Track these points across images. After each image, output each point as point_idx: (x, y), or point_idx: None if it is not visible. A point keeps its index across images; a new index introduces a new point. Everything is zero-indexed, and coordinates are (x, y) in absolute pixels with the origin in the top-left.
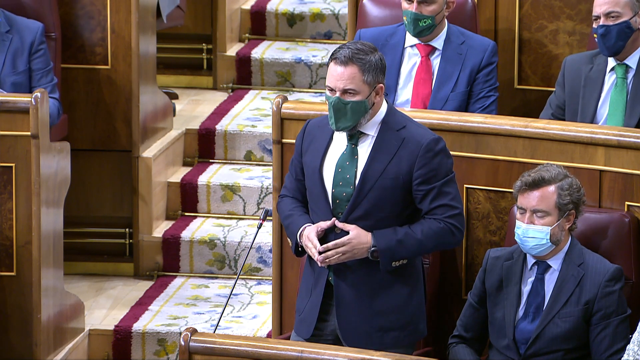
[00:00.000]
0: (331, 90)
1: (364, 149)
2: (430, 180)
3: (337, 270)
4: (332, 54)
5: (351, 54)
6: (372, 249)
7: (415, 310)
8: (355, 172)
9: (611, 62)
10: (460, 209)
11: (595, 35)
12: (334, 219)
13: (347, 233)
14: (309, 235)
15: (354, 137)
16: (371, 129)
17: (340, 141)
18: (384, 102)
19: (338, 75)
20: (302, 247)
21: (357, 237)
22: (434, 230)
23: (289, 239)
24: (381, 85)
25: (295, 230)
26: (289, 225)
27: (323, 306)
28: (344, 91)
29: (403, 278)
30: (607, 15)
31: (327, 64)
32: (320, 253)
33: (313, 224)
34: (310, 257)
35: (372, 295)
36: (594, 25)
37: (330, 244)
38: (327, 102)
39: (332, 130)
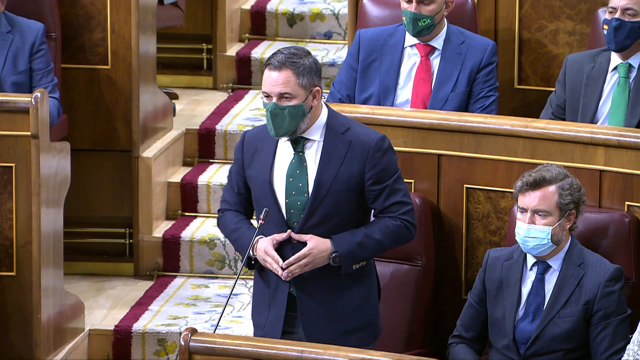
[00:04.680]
0: (267, 96)
1: (312, 156)
2: (382, 179)
3: (298, 281)
4: (267, 60)
5: (284, 59)
6: (334, 254)
7: (373, 309)
8: (307, 179)
9: (614, 61)
10: (411, 204)
11: (605, 27)
12: (289, 231)
13: (304, 243)
14: (267, 250)
15: (299, 144)
16: (315, 134)
17: (285, 150)
18: (324, 106)
19: (273, 81)
20: (254, 260)
21: (317, 246)
22: (391, 229)
23: (238, 253)
24: (318, 88)
25: (246, 244)
26: (238, 239)
27: (287, 318)
28: (280, 96)
29: (359, 279)
30: (625, 10)
31: (262, 71)
32: (283, 269)
33: (265, 236)
34: (260, 270)
35: (334, 300)
36: (608, 16)
37: (291, 259)
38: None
39: (275, 141)
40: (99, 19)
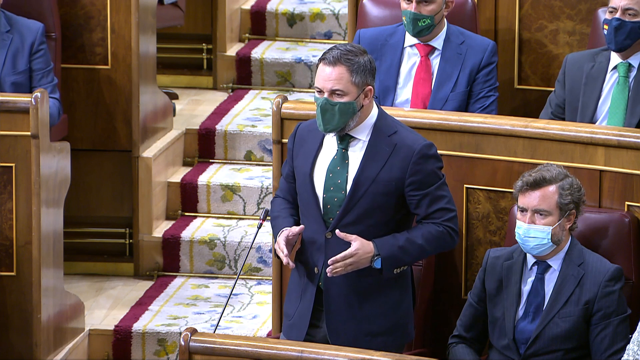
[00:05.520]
0: (319, 91)
1: (355, 154)
2: (423, 186)
3: (327, 277)
4: (322, 55)
5: (340, 55)
6: (376, 257)
7: (403, 314)
8: (347, 177)
9: (613, 60)
10: (455, 211)
11: (605, 27)
12: (302, 226)
13: (339, 242)
14: (278, 240)
15: (344, 141)
16: (362, 133)
17: (330, 145)
18: (375, 106)
19: (326, 76)
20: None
21: (362, 247)
22: (434, 235)
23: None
24: (370, 87)
25: (276, 233)
26: (274, 227)
27: (314, 312)
28: (332, 92)
29: (393, 282)
30: (625, 10)
31: (317, 65)
32: (326, 264)
33: (304, 230)
34: (297, 263)
35: (362, 301)
36: (608, 16)
37: (338, 257)
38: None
39: (322, 135)
40: (99, 19)
